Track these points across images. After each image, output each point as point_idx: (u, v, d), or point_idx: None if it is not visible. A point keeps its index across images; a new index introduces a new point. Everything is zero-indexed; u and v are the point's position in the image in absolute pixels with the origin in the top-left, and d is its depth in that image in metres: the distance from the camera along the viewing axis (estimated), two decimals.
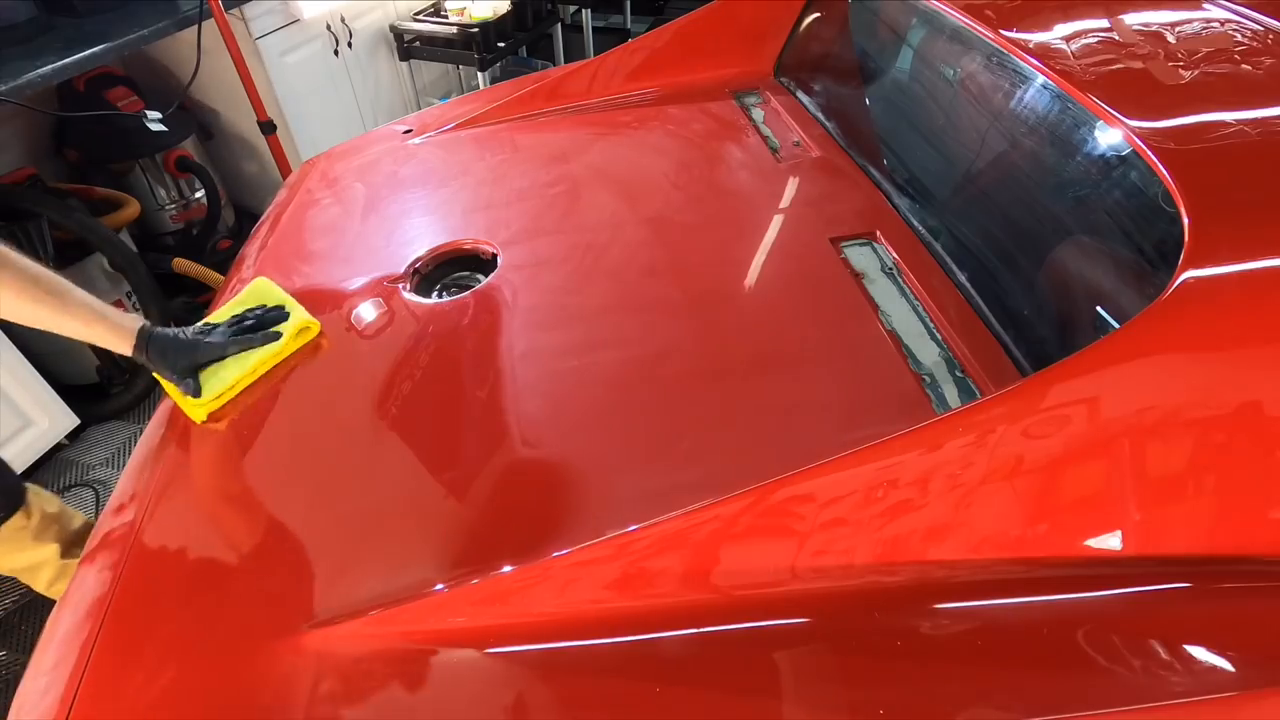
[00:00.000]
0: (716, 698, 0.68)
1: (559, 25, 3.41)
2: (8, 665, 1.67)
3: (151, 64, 2.51)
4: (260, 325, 1.07)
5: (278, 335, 1.05)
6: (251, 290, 1.16)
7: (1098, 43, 1.02)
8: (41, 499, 1.34)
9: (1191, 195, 0.74)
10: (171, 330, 1.03)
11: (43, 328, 0.94)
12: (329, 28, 2.68)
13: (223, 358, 1.03)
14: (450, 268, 1.26)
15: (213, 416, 1.00)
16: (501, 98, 1.66)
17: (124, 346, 0.99)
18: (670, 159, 1.45)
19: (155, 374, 1.02)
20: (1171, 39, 0.98)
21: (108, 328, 0.97)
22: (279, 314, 1.09)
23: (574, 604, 0.73)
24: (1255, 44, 0.93)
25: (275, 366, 1.06)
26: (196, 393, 0.99)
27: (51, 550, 1.33)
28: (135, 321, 1.01)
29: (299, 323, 1.08)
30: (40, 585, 1.37)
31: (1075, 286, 0.95)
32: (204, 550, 0.84)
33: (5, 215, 1.87)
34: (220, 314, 1.12)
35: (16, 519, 1.27)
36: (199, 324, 1.08)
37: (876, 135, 1.42)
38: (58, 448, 2.10)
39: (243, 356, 1.03)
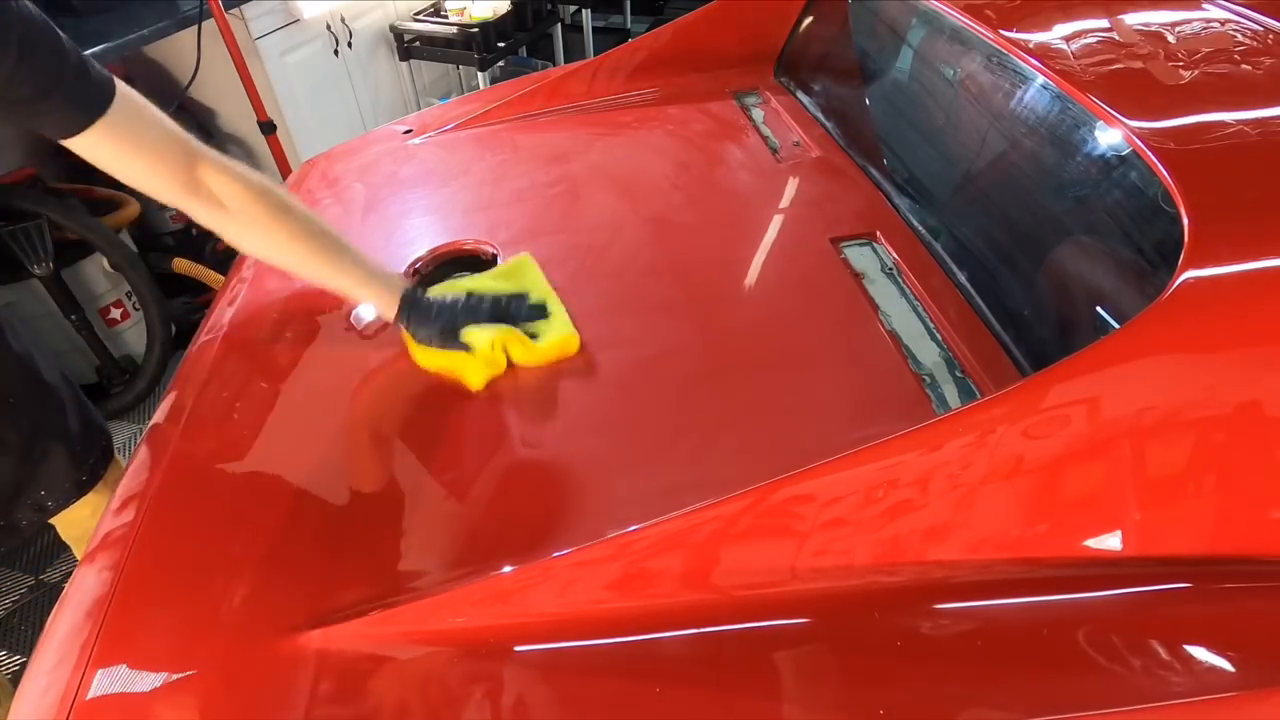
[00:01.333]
0: (716, 698, 0.68)
1: (559, 25, 3.41)
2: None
3: (151, 64, 2.51)
4: (524, 316, 1.02)
5: (533, 334, 1.00)
6: (516, 266, 1.12)
7: (1098, 43, 1.02)
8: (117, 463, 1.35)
9: (1191, 195, 0.74)
10: (433, 297, 1.00)
11: (314, 280, 0.96)
12: (329, 28, 2.68)
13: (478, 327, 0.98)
14: (450, 268, 1.26)
15: (213, 416, 1.00)
16: (501, 98, 1.66)
17: (388, 310, 0.98)
18: (670, 159, 1.45)
19: (412, 341, 1.00)
20: (1171, 39, 0.98)
21: (374, 291, 0.97)
22: (540, 311, 1.03)
23: (574, 604, 0.73)
24: (1255, 44, 0.93)
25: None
26: (465, 347, 0.96)
27: None
28: (400, 284, 0.99)
29: (561, 334, 1.00)
30: None
31: (1075, 286, 0.95)
32: (204, 550, 0.84)
33: (5, 215, 1.88)
34: (479, 281, 1.08)
35: (112, 470, 1.27)
36: (460, 291, 1.04)
37: (876, 135, 1.42)
38: None
39: (499, 337, 0.97)
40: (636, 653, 0.71)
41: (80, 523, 1.27)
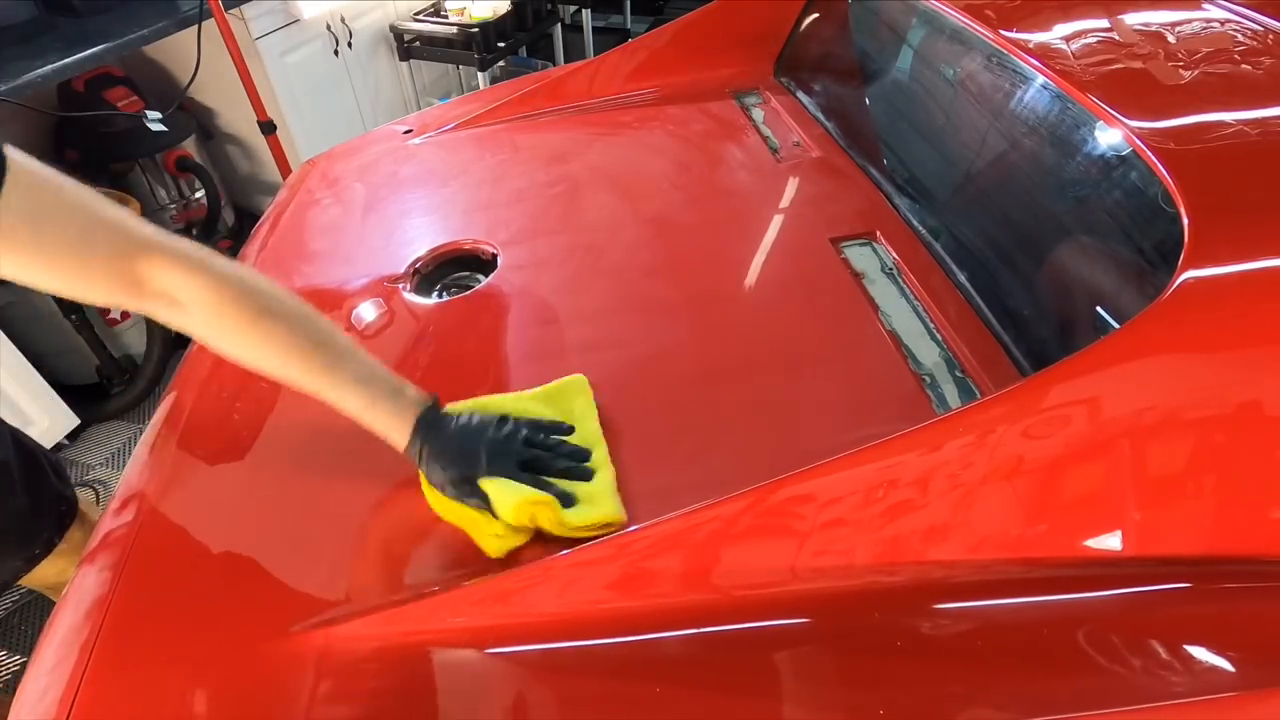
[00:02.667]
0: (716, 698, 0.68)
1: (559, 25, 3.41)
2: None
3: (151, 64, 2.51)
4: (562, 464, 0.81)
5: (572, 500, 0.78)
6: (565, 388, 0.92)
7: (1098, 43, 1.02)
8: (91, 507, 1.29)
9: (1191, 195, 0.74)
10: (456, 421, 0.79)
11: (315, 396, 0.76)
12: (329, 28, 2.68)
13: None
14: (450, 268, 1.26)
15: (213, 416, 1.00)
16: (501, 98, 1.66)
17: (397, 438, 0.78)
18: (670, 159, 1.45)
19: (426, 482, 0.80)
20: (1171, 39, 0.98)
21: (381, 414, 0.77)
22: (582, 462, 0.82)
23: (574, 604, 0.73)
24: (1255, 44, 0.93)
25: None
26: (485, 502, 0.76)
27: None
28: (416, 403, 0.78)
29: (605, 516, 0.78)
30: None
31: (1075, 286, 0.95)
32: (204, 550, 0.84)
33: None
34: (520, 402, 0.88)
35: (76, 527, 1.21)
36: (493, 411, 0.83)
37: (876, 135, 1.42)
38: (58, 448, 2.11)
39: (528, 503, 0.76)
40: (636, 653, 0.71)
41: (47, 580, 1.22)
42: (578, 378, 0.93)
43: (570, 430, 0.86)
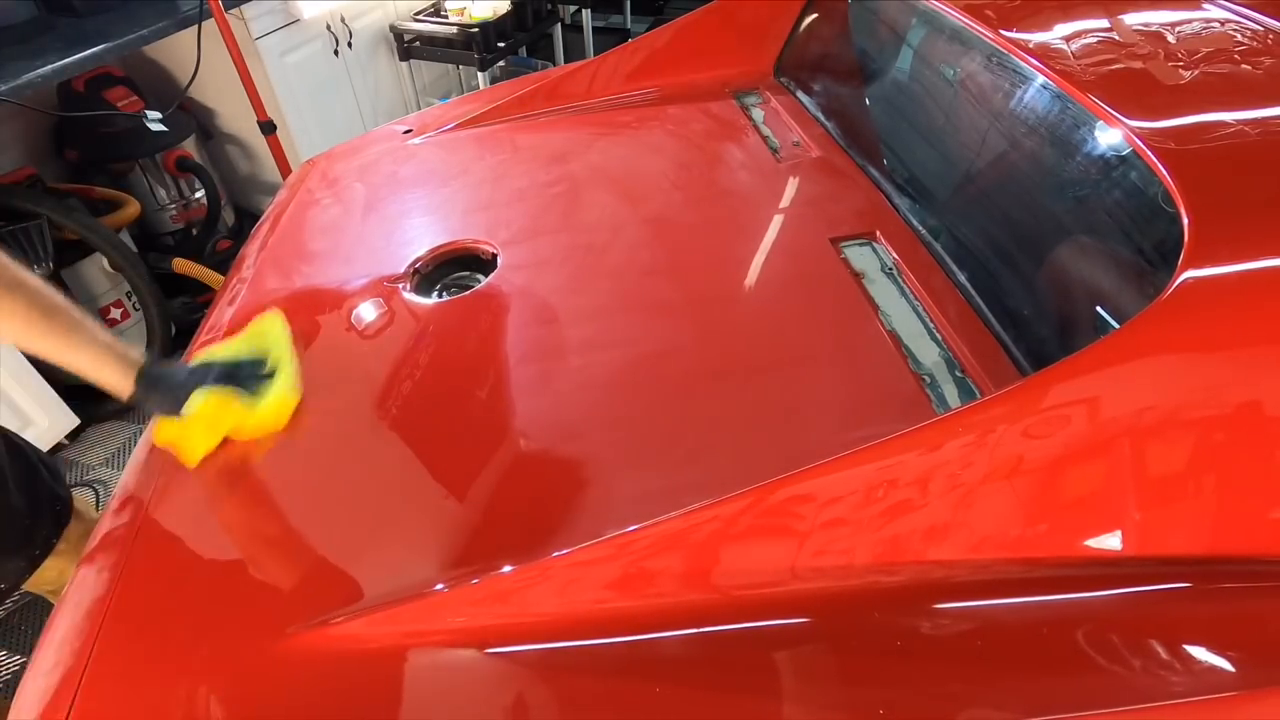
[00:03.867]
0: (716, 698, 0.68)
1: (559, 25, 3.41)
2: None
3: (151, 64, 2.51)
4: (251, 387, 0.98)
5: (255, 398, 0.96)
6: (261, 328, 1.05)
7: (1098, 43, 1.02)
8: (87, 506, 1.30)
9: (1191, 195, 0.74)
10: (170, 373, 0.97)
11: (46, 357, 0.89)
12: (329, 28, 2.68)
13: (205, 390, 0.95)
14: (450, 268, 1.26)
15: None
16: (501, 98, 1.66)
17: (122, 388, 0.93)
18: (670, 159, 1.45)
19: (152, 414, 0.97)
20: (1171, 39, 0.98)
21: (110, 370, 0.92)
22: (268, 380, 0.99)
23: (574, 604, 0.73)
24: (1255, 44, 0.93)
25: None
26: (179, 413, 0.93)
27: None
28: (138, 360, 0.94)
29: (277, 397, 0.96)
30: None
31: (1075, 286, 0.95)
32: (204, 550, 0.84)
33: (5, 215, 1.87)
34: (222, 349, 1.03)
35: (73, 526, 1.22)
36: (198, 361, 1.00)
37: (876, 135, 1.42)
38: (58, 447, 2.11)
39: (211, 401, 0.94)
40: (636, 653, 0.71)
41: (47, 583, 1.22)
42: (272, 315, 1.05)
43: (262, 362, 1.00)
